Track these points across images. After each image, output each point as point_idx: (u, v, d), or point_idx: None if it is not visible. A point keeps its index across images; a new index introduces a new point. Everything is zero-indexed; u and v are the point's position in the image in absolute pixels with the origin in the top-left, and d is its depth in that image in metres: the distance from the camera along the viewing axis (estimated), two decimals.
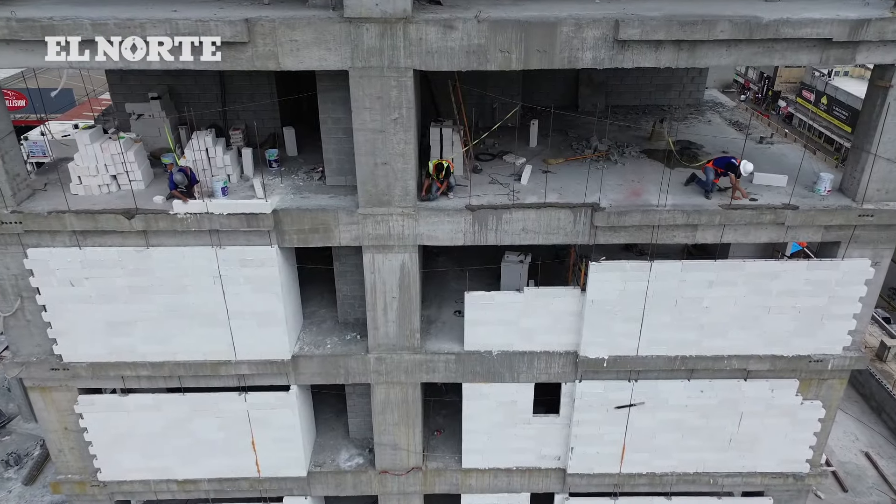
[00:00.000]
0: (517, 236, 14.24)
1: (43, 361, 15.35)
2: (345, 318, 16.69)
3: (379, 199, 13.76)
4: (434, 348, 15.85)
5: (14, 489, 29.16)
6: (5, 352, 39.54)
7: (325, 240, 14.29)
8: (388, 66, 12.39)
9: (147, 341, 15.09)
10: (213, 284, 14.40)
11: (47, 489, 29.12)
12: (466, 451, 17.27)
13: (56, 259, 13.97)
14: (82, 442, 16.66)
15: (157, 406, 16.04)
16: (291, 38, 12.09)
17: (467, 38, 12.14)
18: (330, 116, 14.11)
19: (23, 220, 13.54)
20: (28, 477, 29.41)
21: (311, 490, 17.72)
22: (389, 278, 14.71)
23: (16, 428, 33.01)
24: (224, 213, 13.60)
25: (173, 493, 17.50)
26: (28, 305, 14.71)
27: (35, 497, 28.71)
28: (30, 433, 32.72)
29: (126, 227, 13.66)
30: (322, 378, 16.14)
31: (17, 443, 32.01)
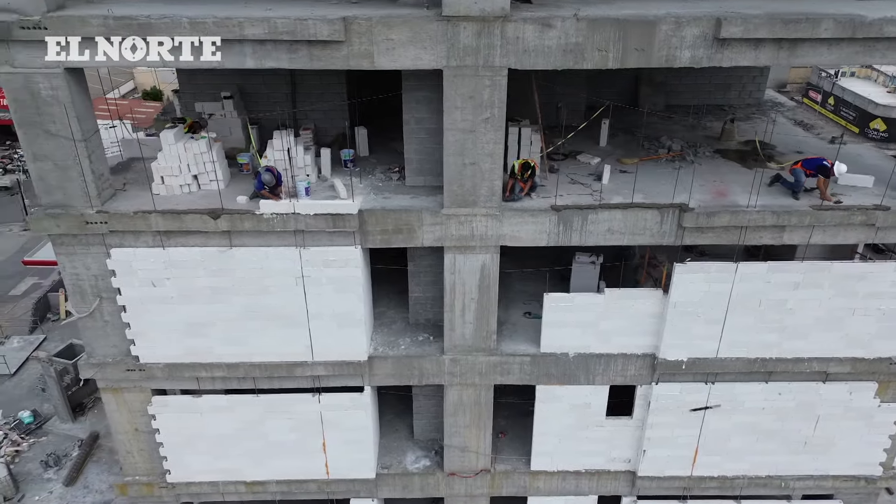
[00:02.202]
0: (602, 237, 14.10)
1: (119, 362, 15.28)
2: (416, 319, 16.56)
3: (464, 200, 13.64)
4: (509, 350, 15.72)
5: (55, 490, 29.12)
6: (37, 351, 39.67)
7: (408, 240, 14.18)
8: (482, 66, 12.27)
9: (224, 342, 15.00)
10: (295, 285, 14.30)
11: (88, 490, 29.12)
12: (536, 453, 17.13)
13: (139, 259, 13.89)
14: (152, 443, 16.58)
15: (230, 407, 15.94)
16: (387, 36, 11.98)
17: (565, 37, 12.01)
18: (413, 116, 13.99)
19: (108, 220, 13.47)
20: (68, 478, 29.37)
21: (378, 492, 17.60)
22: (469, 279, 14.58)
23: (52, 428, 33.00)
24: (310, 214, 13.50)
25: (240, 494, 17.41)
26: (106, 306, 14.64)
27: (76, 498, 28.65)
28: (66, 434, 32.71)
29: (211, 227, 13.58)
30: (395, 379, 16.03)
31: (55, 443, 31.98)
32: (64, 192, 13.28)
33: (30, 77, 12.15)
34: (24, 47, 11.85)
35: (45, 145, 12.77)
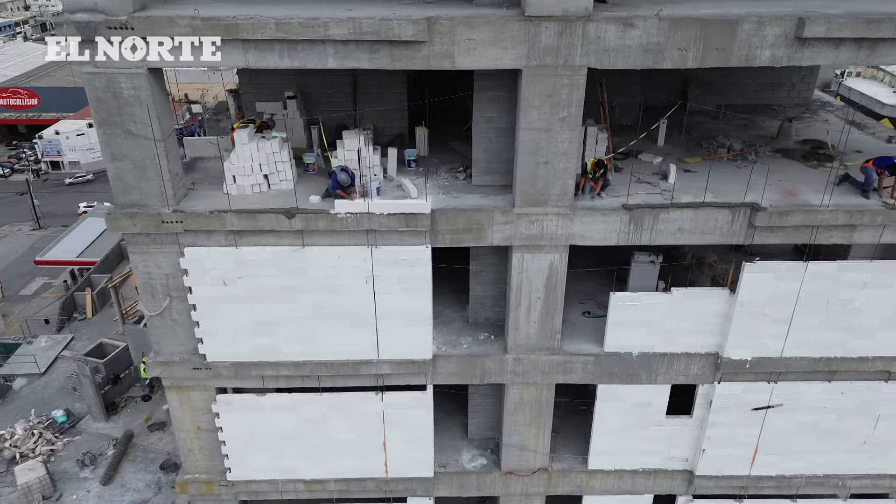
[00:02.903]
0: (672, 236, 14.13)
1: (185, 361, 15.36)
2: (475, 318, 16.61)
3: (536, 199, 13.68)
4: (571, 349, 15.76)
5: (92, 489, 29.26)
6: (66, 351, 39.87)
7: (477, 240, 14.23)
8: (562, 65, 12.31)
9: (291, 341, 15.07)
10: (365, 284, 14.36)
11: (125, 489, 29.28)
12: (594, 452, 17.16)
13: (212, 258, 13.97)
14: (213, 442, 16.67)
15: (293, 406, 16.01)
16: (469, 36, 12.03)
17: (646, 36, 12.05)
18: (483, 116, 14.04)
19: (183, 219, 13.55)
20: (105, 477, 29.51)
21: (435, 490, 17.66)
22: (536, 278, 14.62)
23: (85, 427, 33.16)
24: (384, 214, 13.56)
25: (299, 493, 17.48)
26: (175, 305, 14.72)
27: (114, 497, 28.80)
28: (100, 433, 32.85)
29: (285, 226, 13.65)
30: (458, 378, 16.08)
31: (89, 442, 32.13)
32: (140, 192, 13.37)
33: (112, 77, 12.25)
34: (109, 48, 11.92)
35: (125, 145, 12.86)
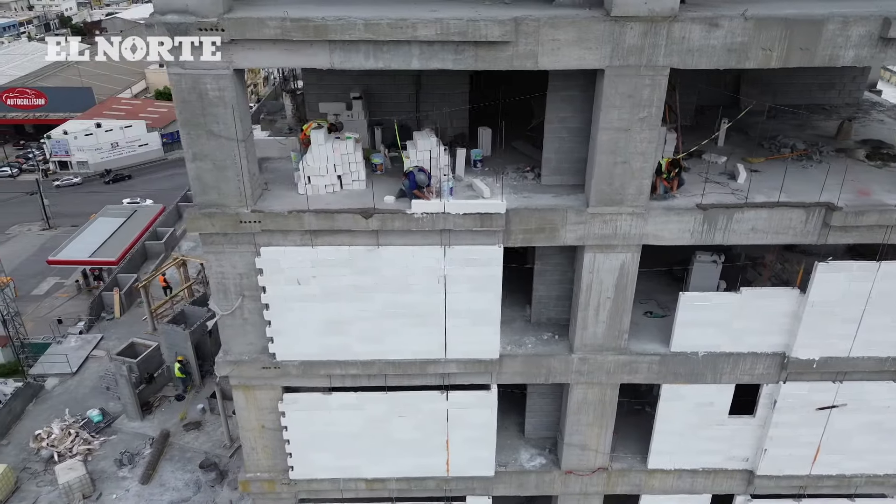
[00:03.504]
0: (745, 236, 14.16)
1: (254, 360, 15.46)
2: (538, 317, 16.66)
3: (611, 199, 13.72)
4: (637, 349, 15.79)
5: (131, 488, 29.42)
6: (96, 350, 40.08)
7: (550, 240, 14.28)
8: (645, 65, 12.35)
9: (361, 340, 15.15)
10: (437, 283, 14.42)
11: (165, 488, 29.43)
12: (655, 451, 17.19)
13: (288, 258, 14.06)
14: (276, 441, 16.75)
15: (359, 405, 16.09)
16: (553, 37, 12.09)
17: (730, 36, 12.07)
18: (557, 115, 14.08)
19: (262, 219, 13.64)
20: (144, 476, 29.66)
21: (494, 489, 17.72)
22: (607, 278, 14.66)
23: (121, 427, 33.33)
24: (459, 213, 13.62)
25: (359, 492, 17.56)
26: (247, 304, 14.82)
27: (154, 496, 28.96)
28: (136, 432, 33.02)
29: (362, 226, 13.73)
30: (522, 378, 16.14)
31: (125, 442, 32.30)
32: (219, 192, 13.46)
33: (198, 78, 12.33)
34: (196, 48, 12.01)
35: (207, 145, 12.95)
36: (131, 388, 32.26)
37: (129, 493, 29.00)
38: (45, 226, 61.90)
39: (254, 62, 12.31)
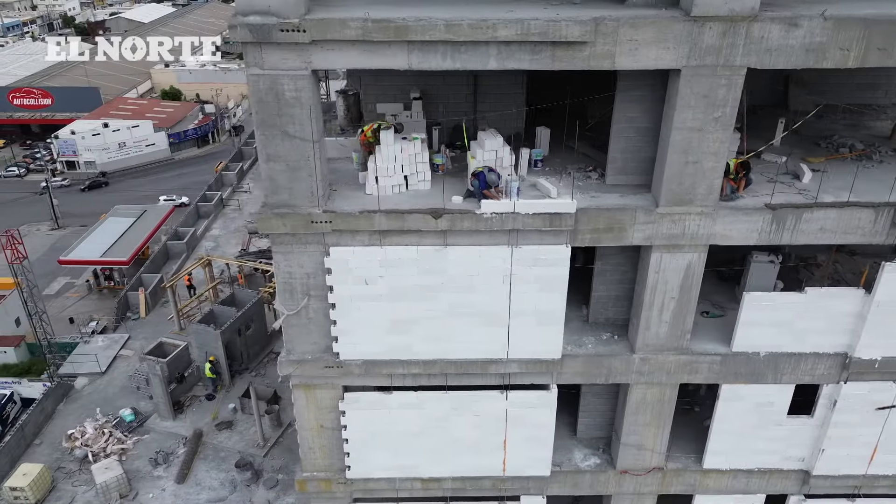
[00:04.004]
0: (813, 236, 14.16)
1: (317, 359, 15.51)
2: (595, 317, 16.68)
3: (681, 198, 13.74)
4: (698, 349, 15.80)
5: (167, 487, 29.49)
6: (124, 350, 40.18)
7: (618, 239, 14.30)
8: (721, 65, 12.37)
9: (424, 340, 15.20)
10: (502, 283, 14.46)
11: (201, 487, 29.50)
12: (711, 451, 17.19)
13: (357, 258, 14.11)
14: (333, 440, 16.81)
15: (419, 404, 16.13)
16: (632, 37, 12.11)
17: (809, 36, 12.08)
18: (624, 115, 14.09)
19: (333, 219, 13.69)
20: (179, 475, 29.74)
21: (549, 489, 17.75)
22: (672, 278, 14.68)
23: (153, 426, 33.40)
24: (529, 213, 13.65)
25: (414, 491, 17.60)
26: (312, 304, 14.87)
27: (190, 495, 29.02)
28: (168, 431, 33.09)
29: (431, 226, 13.77)
30: (582, 378, 16.16)
31: (158, 441, 32.37)
32: (290, 193, 13.52)
33: (276, 79, 12.38)
34: (275, 49, 12.06)
35: (281, 146, 13.01)
36: (164, 388, 32.35)
37: (165, 493, 29.08)
38: (53, 226, 61.78)
39: (331, 63, 12.35)
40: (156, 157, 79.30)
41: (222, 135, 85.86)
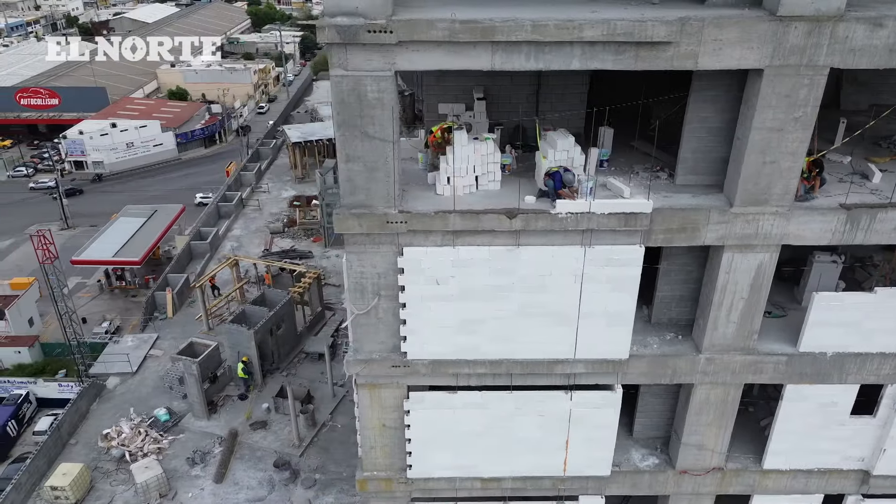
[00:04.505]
0: (887, 235, 14.13)
1: (384, 359, 15.55)
2: (658, 317, 16.68)
3: (756, 198, 13.73)
4: (764, 349, 15.78)
5: (206, 487, 29.62)
6: (153, 350, 40.32)
7: (690, 239, 14.30)
8: (804, 65, 12.36)
9: (492, 340, 15.22)
10: (574, 283, 14.47)
11: (239, 487, 29.63)
12: (772, 452, 17.17)
13: (430, 258, 14.14)
14: (396, 439, 16.85)
15: (484, 404, 16.15)
16: (716, 37, 12.11)
17: (893, 36, 12.06)
18: (697, 115, 14.08)
19: (408, 219, 13.73)
20: (217, 475, 29.86)
21: (607, 489, 17.76)
22: (742, 279, 14.67)
23: (188, 426, 33.54)
24: (604, 213, 13.66)
25: (474, 491, 17.62)
26: (382, 303, 14.91)
27: (229, 495, 29.15)
28: (203, 431, 33.22)
29: (506, 226, 13.79)
30: (647, 378, 16.17)
31: (194, 441, 32.52)
32: (367, 193, 13.56)
33: (359, 80, 12.42)
34: (360, 50, 12.10)
35: (360, 147, 13.04)
36: (200, 388, 32.47)
37: (203, 492, 29.20)
38: (63, 226, 61.77)
39: (414, 64, 12.38)
40: (163, 158, 79.24)
41: (229, 135, 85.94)
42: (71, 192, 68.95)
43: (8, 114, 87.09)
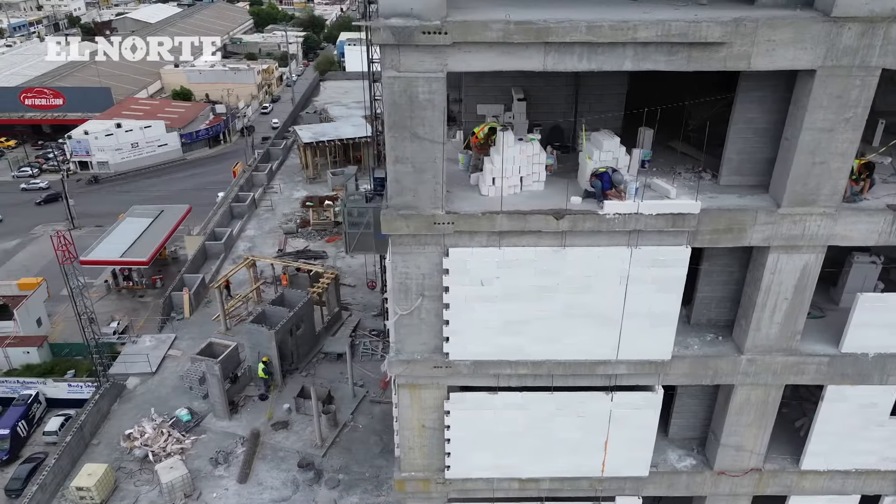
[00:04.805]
0: None
1: (426, 360, 15.55)
2: (697, 318, 16.65)
3: (804, 199, 13.72)
4: (807, 350, 15.76)
5: (230, 487, 29.65)
6: (172, 350, 40.37)
7: (736, 240, 14.29)
8: (857, 66, 12.34)
9: (535, 341, 15.22)
10: (619, 285, 14.46)
11: (263, 487, 29.66)
12: (810, 453, 17.14)
13: (475, 258, 14.14)
14: (435, 440, 16.86)
15: (525, 405, 16.15)
16: (770, 38, 12.10)
17: None
18: (744, 116, 14.06)
19: (455, 220, 13.73)
20: (241, 475, 29.89)
21: (644, 490, 17.75)
22: (787, 279, 14.65)
23: (209, 426, 33.56)
24: (652, 214, 13.66)
25: (511, 491, 17.62)
26: (425, 304, 14.92)
27: (253, 495, 29.18)
28: (225, 431, 33.24)
29: (553, 227, 13.79)
30: (688, 379, 16.15)
31: (216, 441, 32.54)
32: (414, 194, 13.57)
33: (411, 81, 12.43)
34: (413, 52, 12.11)
35: (409, 148, 13.05)
36: (222, 388, 32.51)
37: (228, 493, 29.24)
38: (69, 226, 61.69)
39: (466, 65, 12.39)
40: (168, 158, 79.21)
41: (233, 135, 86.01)
42: (52, 197, 68.01)
43: (12, 114, 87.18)
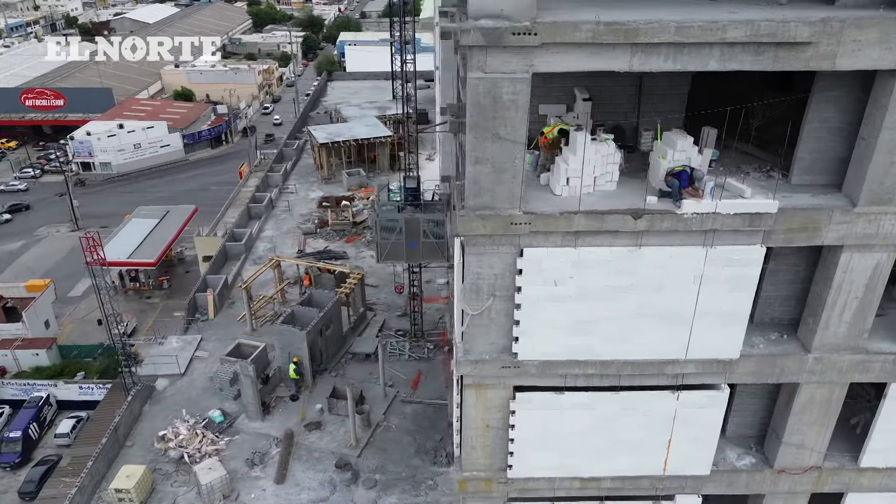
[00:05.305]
0: None
1: (495, 360, 15.60)
2: (760, 317, 16.68)
3: (880, 198, 13.76)
4: (874, 348, 15.81)
5: (267, 488, 29.62)
6: (199, 351, 40.37)
7: (810, 239, 14.34)
8: None
9: (605, 341, 15.26)
10: (692, 284, 14.51)
11: (300, 487, 29.63)
12: (871, 450, 17.22)
13: (550, 259, 14.18)
14: (498, 440, 16.90)
15: (591, 405, 16.20)
16: (856, 38, 12.14)
17: None
18: (818, 116, 14.11)
19: (532, 220, 13.77)
20: (278, 476, 29.89)
21: (704, 488, 17.80)
22: (858, 278, 14.69)
23: (242, 427, 33.52)
24: (729, 213, 13.70)
25: (572, 490, 17.69)
26: (496, 304, 14.96)
27: (291, 496, 29.15)
28: (258, 432, 33.21)
29: (630, 227, 13.83)
30: (753, 377, 16.20)
31: (250, 442, 32.50)
32: (492, 195, 13.60)
33: (496, 82, 12.46)
34: (500, 53, 12.14)
35: (490, 149, 13.09)
36: (255, 389, 32.52)
37: (266, 493, 29.22)
38: (73, 227, 61.49)
39: (552, 66, 12.42)
40: (170, 158, 79.01)
41: (235, 135, 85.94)
42: (17, 208, 66.85)
43: (13, 115, 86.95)
